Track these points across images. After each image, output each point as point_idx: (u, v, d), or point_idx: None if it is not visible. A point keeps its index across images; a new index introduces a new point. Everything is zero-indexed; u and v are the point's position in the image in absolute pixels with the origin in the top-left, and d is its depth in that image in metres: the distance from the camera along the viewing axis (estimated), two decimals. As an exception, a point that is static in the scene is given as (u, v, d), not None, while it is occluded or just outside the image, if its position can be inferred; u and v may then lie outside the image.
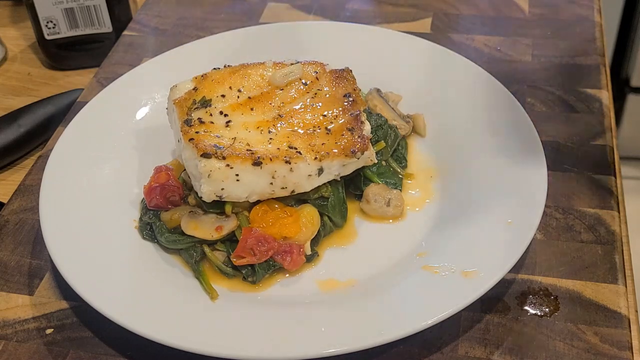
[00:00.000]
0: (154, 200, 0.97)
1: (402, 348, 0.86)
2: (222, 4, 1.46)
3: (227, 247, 0.95)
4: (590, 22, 1.33)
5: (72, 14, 1.30)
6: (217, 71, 1.03)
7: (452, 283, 0.87)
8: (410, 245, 0.96)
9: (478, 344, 0.86)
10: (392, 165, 1.06)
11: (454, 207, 0.99)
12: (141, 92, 1.16)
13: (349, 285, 0.93)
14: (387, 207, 1.00)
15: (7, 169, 1.18)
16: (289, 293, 0.93)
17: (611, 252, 0.94)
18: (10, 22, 1.51)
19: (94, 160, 1.05)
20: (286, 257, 0.92)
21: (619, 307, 0.88)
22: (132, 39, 1.37)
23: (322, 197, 0.97)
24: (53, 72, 1.37)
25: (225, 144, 0.93)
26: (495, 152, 1.02)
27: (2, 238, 1.02)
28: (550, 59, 1.26)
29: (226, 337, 0.83)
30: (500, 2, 1.41)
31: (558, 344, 0.85)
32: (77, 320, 0.91)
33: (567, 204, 1.01)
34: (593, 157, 1.07)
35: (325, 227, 0.97)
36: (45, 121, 1.19)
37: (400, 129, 1.08)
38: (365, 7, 1.42)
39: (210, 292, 0.91)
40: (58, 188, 0.99)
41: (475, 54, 1.28)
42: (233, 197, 0.93)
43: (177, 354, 0.82)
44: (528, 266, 0.94)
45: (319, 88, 1.02)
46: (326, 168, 0.94)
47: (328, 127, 0.97)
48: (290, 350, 0.80)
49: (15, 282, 0.96)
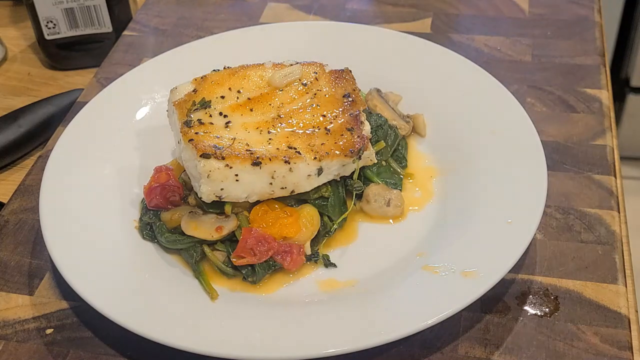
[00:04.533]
0: (154, 200, 0.97)
1: (402, 348, 0.86)
2: (222, 4, 1.46)
3: (227, 247, 0.95)
4: (590, 22, 1.33)
5: (72, 14, 1.30)
6: (216, 73, 1.03)
7: (452, 283, 0.87)
8: (410, 245, 0.96)
9: (478, 344, 0.86)
10: (392, 165, 1.06)
11: (454, 207, 0.99)
12: (141, 92, 1.16)
13: (349, 285, 0.93)
14: (387, 207, 1.00)
15: (7, 169, 1.18)
16: (289, 293, 0.93)
17: (611, 252, 0.94)
18: (10, 22, 1.51)
19: (94, 160, 1.05)
20: (286, 257, 0.92)
21: (619, 307, 0.88)
22: (132, 39, 1.37)
23: (322, 197, 0.97)
24: (53, 72, 1.37)
25: (224, 144, 0.93)
26: (495, 152, 1.02)
27: (2, 238, 1.02)
28: (550, 59, 1.26)
29: (226, 337, 0.83)
30: (500, 2, 1.41)
31: (558, 344, 0.85)
32: (77, 320, 0.91)
33: (567, 204, 1.01)
34: (593, 157, 1.07)
35: (326, 227, 0.97)
36: (45, 121, 1.19)
37: (400, 129, 1.08)
38: (365, 7, 1.42)
39: (210, 292, 0.91)
40: (58, 188, 0.99)
41: (475, 54, 1.28)
42: (232, 198, 0.93)
43: (177, 354, 0.82)
44: (528, 266, 0.94)
45: (318, 88, 1.02)
46: (325, 168, 0.94)
47: (327, 127, 0.97)
48: (290, 350, 0.80)
49: (15, 282, 0.96)
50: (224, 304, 0.89)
